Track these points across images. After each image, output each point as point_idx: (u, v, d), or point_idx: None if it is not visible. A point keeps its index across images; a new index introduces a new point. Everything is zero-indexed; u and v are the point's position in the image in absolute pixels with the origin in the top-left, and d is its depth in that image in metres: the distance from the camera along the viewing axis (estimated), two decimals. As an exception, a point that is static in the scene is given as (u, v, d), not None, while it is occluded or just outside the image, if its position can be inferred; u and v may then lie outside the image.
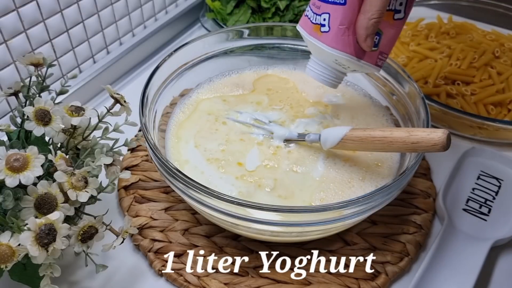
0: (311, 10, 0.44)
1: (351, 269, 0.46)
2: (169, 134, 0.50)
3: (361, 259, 0.47)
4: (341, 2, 0.41)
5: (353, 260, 0.46)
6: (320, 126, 0.51)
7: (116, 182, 0.40)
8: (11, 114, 0.43)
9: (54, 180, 0.36)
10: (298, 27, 0.47)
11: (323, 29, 0.43)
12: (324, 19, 0.43)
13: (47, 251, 0.33)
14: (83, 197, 0.36)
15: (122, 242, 0.39)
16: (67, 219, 0.38)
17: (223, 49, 0.56)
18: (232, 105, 0.54)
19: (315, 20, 0.44)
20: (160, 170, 0.42)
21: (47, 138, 0.42)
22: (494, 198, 0.53)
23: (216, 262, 0.46)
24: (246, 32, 0.56)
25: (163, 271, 0.45)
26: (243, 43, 0.57)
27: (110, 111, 0.41)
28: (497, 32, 0.75)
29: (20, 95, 0.43)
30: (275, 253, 0.47)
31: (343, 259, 0.46)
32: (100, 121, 0.42)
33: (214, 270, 0.45)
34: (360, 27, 0.41)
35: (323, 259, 0.46)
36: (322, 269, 0.46)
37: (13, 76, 0.55)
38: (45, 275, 0.35)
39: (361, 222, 0.49)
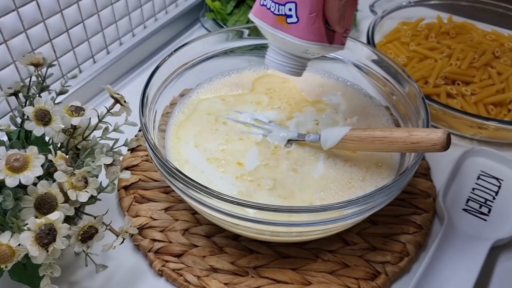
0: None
1: (351, 269, 0.46)
2: (169, 134, 0.50)
3: (361, 259, 0.47)
4: None
5: (353, 260, 0.46)
6: (319, 125, 0.51)
7: (116, 182, 0.40)
8: (11, 114, 0.43)
9: (54, 180, 0.36)
10: (252, 17, 0.43)
11: (289, 20, 0.39)
12: (290, 9, 0.39)
13: (47, 251, 0.33)
14: (83, 197, 0.36)
15: (122, 242, 0.39)
16: (67, 219, 0.38)
17: (223, 49, 0.56)
18: (232, 105, 0.54)
19: (278, 11, 0.40)
20: (160, 170, 0.42)
21: (47, 138, 0.42)
22: (494, 198, 0.53)
23: (216, 262, 0.46)
24: (246, 32, 0.56)
25: (163, 271, 0.45)
26: (243, 43, 0.57)
27: (110, 111, 0.41)
28: (497, 32, 0.75)
29: (20, 95, 0.43)
30: (275, 253, 0.47)
31: (343, 259, 0.47)
32: (100, 121, 0.42)
33: (214, 270, 0.45)
34: (332, 10, 0.39)
35: (323, 259, 0.47)
36: (322, 269, 0.46)
37: (13, 76, 0.55)
38: (45, 275, 0.35)
39: (361, 222, 0.49)
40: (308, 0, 0.38)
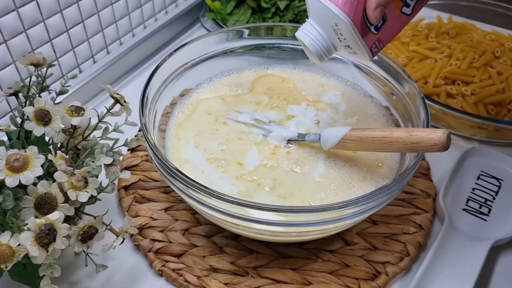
0: None
1: (351, 269, 0.46)
2: (169, 134, 0.50)
3: (361, 259, 0.47)
4: None
5: (353, 260, 0.46)
6: (319, 125, 0.51)
7: (116, 182, 0.40)
8: (11, 114, 0.43)
9: (54, 180, 0.36)
10: None
11: None
12: None
13: (47, 251, 0.33)
14: (83, 197, 0.36)
15: (122, 242, 0.39)
16: (67, 219, 0.38)
17: (223, 49, 0.56)
18: (232, 105, 0.54)
19: None
20: (160, 170, 0.42)
21: (47, 138, 0.42)
22: (494, 198, 0.53)
23: (216, 262, 0.46)
24: (246, 32, 0.56)
25: (163, 271, 0.45)
26: (243, 43, 0.57)
27: (110, 111, 0.41)
28: (497, 32, 0.75)
29: (20, 95, 0.43)
30: (275, 253, 0.47)
31: (343, 259, 0.47)
32: (100, 121, 0.42)
33: (214, 270, 0.45)
34: None
35: (323, 259, 0.47)
36: (322, 269, 0.46)
37: (13, 76, 0.55)
38: (45, 275, 0.35)
39: (361, 222, 0.49)
40: None
